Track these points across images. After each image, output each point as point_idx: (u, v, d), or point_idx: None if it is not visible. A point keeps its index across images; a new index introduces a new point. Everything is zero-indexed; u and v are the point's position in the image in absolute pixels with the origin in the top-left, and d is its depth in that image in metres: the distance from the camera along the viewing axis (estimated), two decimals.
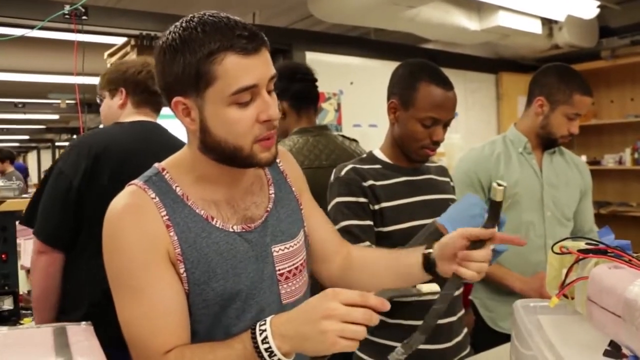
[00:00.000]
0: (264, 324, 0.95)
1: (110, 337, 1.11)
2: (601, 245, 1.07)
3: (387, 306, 0.91)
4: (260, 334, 0.94)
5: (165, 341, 1.00)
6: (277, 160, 1.26)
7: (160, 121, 2.05)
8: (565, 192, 2.13)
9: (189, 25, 0.98)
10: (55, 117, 10.84)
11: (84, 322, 1.18)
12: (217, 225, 1.07)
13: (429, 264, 1.20)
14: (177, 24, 1.01)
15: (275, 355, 0.93)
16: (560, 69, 2.09)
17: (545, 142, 2.11)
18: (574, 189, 2.17)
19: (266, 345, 0.93)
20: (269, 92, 1.04)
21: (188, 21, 0.99)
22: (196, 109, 1.01)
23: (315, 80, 2.37)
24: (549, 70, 2.10)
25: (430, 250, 1.20)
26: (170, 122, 1.53)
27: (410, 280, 1.21)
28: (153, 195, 1.04)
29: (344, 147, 2.29)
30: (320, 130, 2.31)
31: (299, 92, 2.28)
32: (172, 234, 1.02)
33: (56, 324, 1.16)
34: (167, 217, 1.03)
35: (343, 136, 2.44)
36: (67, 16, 3.08)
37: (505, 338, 1.92)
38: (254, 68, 0.98)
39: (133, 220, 1.02)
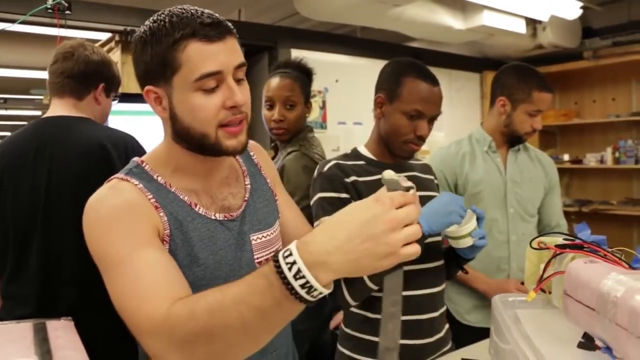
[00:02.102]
0: (290, 254, 0.78)
1: None
2: (578, 241, 1.10)
3: (416, 194, 0.83)
4: (290, 268, 0.77)
5: (161, 294, 0.90)
6: (251, 153, 1.30)
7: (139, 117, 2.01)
8: (528, 189, 2.18)
9: (159, 17, 1.02)
10: (38, 113, 10.72)
11: (63, 318, 1.18)
12: (200, 212, 1.09)
13: None
14: (148, 20, 1.05)
15: (314, 289, 0.77)
16: (519, 68, 2.16)
17: (511, 139, 2.18)
18: (538, 185, 2.22)
19: (301, 281, 0.77)
20: (239, 81, 1.05)
21: (159, 14, 1.03)
22: (166, 97, 1.04)
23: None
24: (509, 71, 2.17)
25: None
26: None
27: None
28: (136, 182, 1.05)
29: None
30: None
31: (308, 89, 2.29)
32: (161, 214, 1.03)
33: (36, 320, 1.15)
34: (154, 199, 1.03)
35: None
36: (49, 10, 3.04)
37: (472, 331, 1.98)
38: (217, 55, 1.00)
39: (115, 200, 1.01)
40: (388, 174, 0.87)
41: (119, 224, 0.98)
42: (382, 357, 0.78)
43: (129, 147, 1.78)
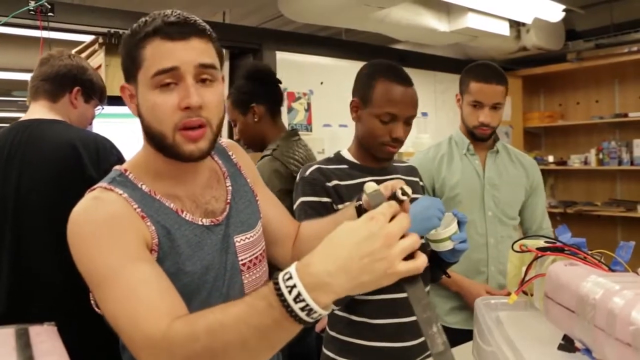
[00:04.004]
0: (290, 277, 0.78)
1: None
2: (558, 243, 1.11)
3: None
4: (290, 291, 0.77)
5: (157, 309, 0.89)
6: (230, 153, 1.29)
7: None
8: (507, 191, 2.18)
9: (139, 20, 1.05)
10: (21, 115, 10.60)
11: (46, 323, 1.16)
12: (187, 218, 1.08)
13: (361, 215, 1.21)
14: None
15: (314, 312, 0.77)
16: (472, 65, 2.20)
17: (471, 136, 2.18)
18: (518, 188, 2.22)
19: (301, 304, 0.76)
20: (204, 81, 1.03)
21: (140, 19, 1.05)
22: (135, 95, 1.05)
23: (280, 82, 2.38)
24: (466, 67, 2.21)
25: (360, 202, 1.20)
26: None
27: None
28: (121, 192, 1.03)
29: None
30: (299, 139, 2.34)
31: (275, 95, 2.28)
32: (149, 224, 1.01)
33: (18, 325, 1.14)
34: (139, 209, 1.02)
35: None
36: (32, 12, 3.02)
37: (451, 332, 1.98)
38: (176, 52, 1.00)
39: (99, 212, 0.99)
40: (370, 187, 0.88)
41: (107, 239, 0.96)
42: None
43: (100, 148, 1.76)
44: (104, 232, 0.96)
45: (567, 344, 0.92)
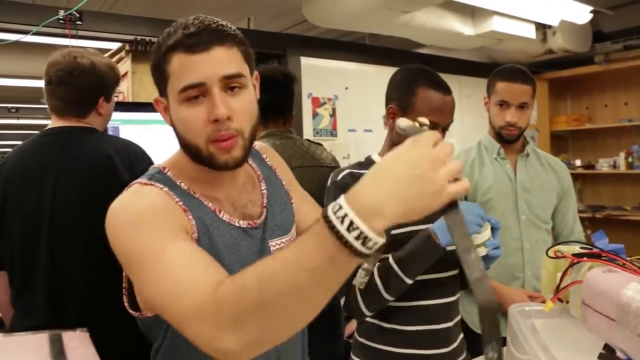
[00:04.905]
0: (340, 208, 0.75)
1: None
2: (595, 249, 1.08)
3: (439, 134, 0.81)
4: (342, 221, 0.73)
5: (200, 279, 0.86)
6: (264, 156, 1.29)
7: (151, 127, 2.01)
8: (539, 195, 2.16)
9: (163, 32, 1.04)
10: (49, 122, 10.80)
11: (79, 329, 1.18)
12: (225, 219, 1.08)
13: None
14: None
15: (369, 239, 0.73)
16: (499, 67, 2.18)
17: (500, 139, 2.16)
18: (550, 191, 2.19)
19: (355, 233, 0.73)
20: (233, 89, 1.03)
21: (169, 27, 1.05)
22: (168, 107, 1.06)
23: (287, 87, 2.31)
24: (493, 72, 2.20)
25: None
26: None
27: None
28: (161, 186, 1.03)
29: (309, 151, 2.28)
30: (285, 134, 2.29)
31: (265, 103, 2.25)
32: (190, 217, 1.02)
33: (52, 331, 1.15)
34: (181, 202, 1.02)
35: (308, 140, 2.43)
36: (61, 21, 3.08)
37: None
38: (199, 66, 0.99)
39: (141, 202, 0.99)
40: (403, 122, 0.87)
41: (148, 224, 0.95)
42: (476, 288, 0.76)
43: (132, 155, 1.79)
44: (145, 219, 0.96)
45: (608, 354, 0.90)
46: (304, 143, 2.33)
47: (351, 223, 0.73)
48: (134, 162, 1.77)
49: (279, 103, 2.27)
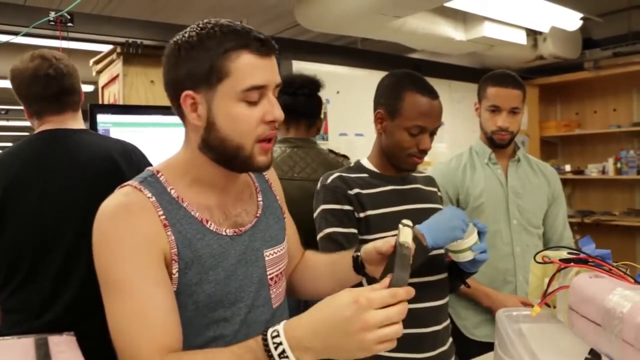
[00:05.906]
0: (277, 335, 0.88)
1: None
2: (582, 255, 1.09)
3: (413, 292, 0.91)
4: (276, 348, 0.87)
5: (157, 340, 0.95)
6: None
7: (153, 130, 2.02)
8: (530, 200, 2.17)
9: (206, 26, 1.04)
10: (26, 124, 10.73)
11: (65, 333, 1.17)
12: (211, 228, 1.09)
13: (357, 266, 1.24)
14: (193, 26, 1.06)
15: None
16: (489, 73, 2.20)
17: (491, 144, 2.17)
18: (540, 196, 2.21)
19: None
20: (276, 98, 1.08)
21: (205, 23, 1.05)
22: (204, 104, 1.04)
23: (308, 93, 2.34)
24: (483, 77, 2.21)
25: (358, 254, 1.24)
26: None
27: (344, 282, 1.24)
28: (149, 195, 1.05)
29: (327, 161, 2.28)
30: (301, 142, 2.29)
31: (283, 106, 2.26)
32: (169, 233, 1.03)
33: (38, 335, 1.14)
34: (164, 216, 1.03)
35: (331, 151, 2.43)
36: (52, 23, 3.06)
37: (479, 346, 1.96)
38: (265, 70, 1.04)
39: (126, 219, 1.01)
40: (404, 234, 1.02)
41: (128, 251, 0.99)
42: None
43: (132, 155, 1.81)
44: (127, 244, 0.99)
45: (594, 358, 0.91)
46: (323, 152, 2.34)
47: (283, 351, 0.87)
48: (135, 162, 1.79)
49: (297, 106, 2.30)
